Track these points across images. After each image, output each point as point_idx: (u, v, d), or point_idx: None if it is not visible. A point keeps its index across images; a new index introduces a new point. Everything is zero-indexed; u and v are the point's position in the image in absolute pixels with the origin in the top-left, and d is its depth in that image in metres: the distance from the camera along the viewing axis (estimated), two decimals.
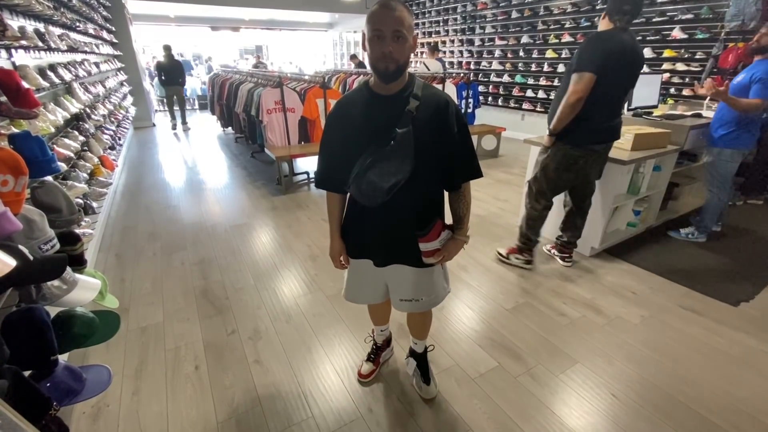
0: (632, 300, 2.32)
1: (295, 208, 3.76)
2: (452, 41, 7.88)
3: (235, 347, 1.95)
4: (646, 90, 3.33)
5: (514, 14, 6.48)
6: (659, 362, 1.83)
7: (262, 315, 2.20)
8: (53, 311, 1.37)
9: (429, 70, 5.87)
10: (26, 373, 1.14)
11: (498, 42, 6.88)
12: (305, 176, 4.72)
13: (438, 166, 1.22)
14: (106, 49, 5.30)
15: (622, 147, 2.69)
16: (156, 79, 10.13)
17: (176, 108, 7.71)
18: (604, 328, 2.08)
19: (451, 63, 7.98)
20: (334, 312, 2.22)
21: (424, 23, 8.54)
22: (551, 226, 2.83)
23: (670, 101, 4.03)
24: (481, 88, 7.09)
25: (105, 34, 5.41)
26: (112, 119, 4.27)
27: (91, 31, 4.35)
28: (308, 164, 5.21)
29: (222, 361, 1.87)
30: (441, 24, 8.05)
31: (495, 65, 7.00)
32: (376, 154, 1.11)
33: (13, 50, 1.90)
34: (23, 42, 1.85)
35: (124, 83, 6.49)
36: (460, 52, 7.70)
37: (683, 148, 2.91)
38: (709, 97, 2.66)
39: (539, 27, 6.17)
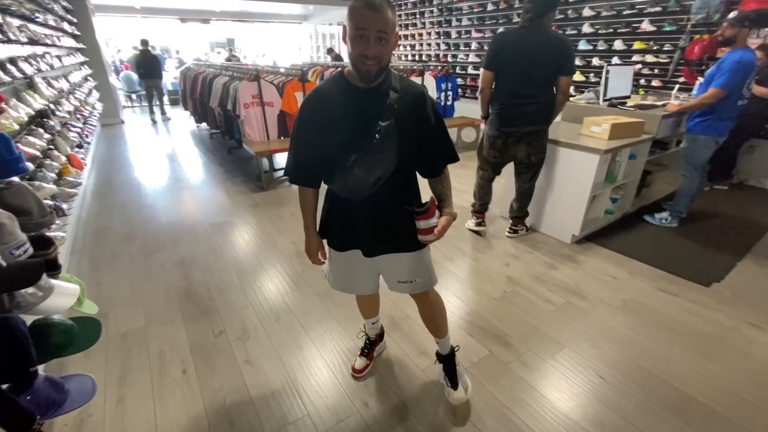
0: (613, 285, 2.40)
1: (278, 205, 3.69)
2: (429, 34, 7.87)
3: (224, 348, 1.90)
4: (619, 81, 3.43)
5: (490, 6, 6.53)
6: (641, 343, 1.91)
7: (250, 314, 2.16)
8: (28, 320, 1.29)
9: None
10: (4, 387, 1.07)
11: (474, 34, 6.93)
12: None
13: (417, 154, 1.24)
14: (68, 42, 5.00)
15: (599, 137, 2.77)
16: (122, 73, 9.72)
17: (156, 102, 8.03)
18: (588, 312, 2.14)
19: (429, 56, 7.98)
20: (323, 308, 2.20)
21: (400, 15, 8.49)
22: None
23: (641, 92, 4.17)
24: (458, 81, 7.13)
25: (66, 26, 5.10)
26: (78, 116, 4.05)
27: (51, 22, 4.09)
28: None
29: (210, 363, 1.81)
30: (418, 16, 8.03)
31: (472, 58, 7.05)
32: (361, 150, 1.09)
33: None
34: None
35: (89, 78, 6.15)
36: (437, 44, 7.71)
37: (656, 137, 3.02)
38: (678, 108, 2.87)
39: (515, 19, 6.24)
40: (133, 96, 10.05)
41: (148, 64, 7.38)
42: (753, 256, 2.69)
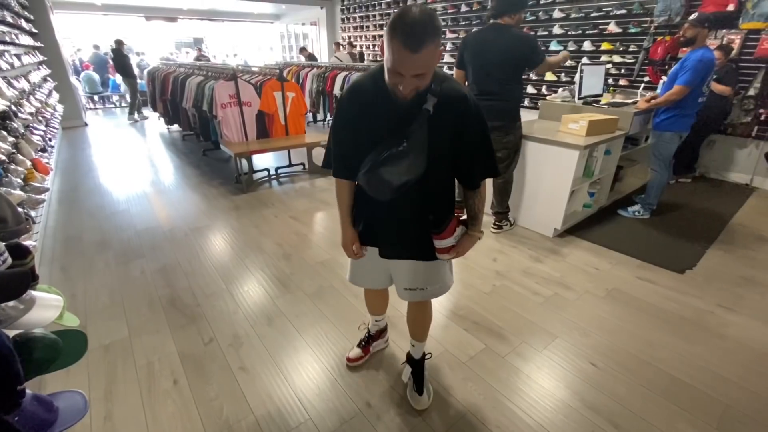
0: (596, 275, 2.49)
1: (260, 207, 3.61)
2: None
3: (216, 356, 1.84)
4: (593, 80, 3.57)
5: (464, 8, 6.65)
6: (627, 330, 1.99)
7: (240, 320, 2.09)
8: (9, 334, 1.20)
9: (342, 62, 6.75)
10: None
11: (449, 35, 7.03)
12: (266, 174, 4.54)
13: (454, 164, 1.20)
14: (26, 40, 4.69)
15: (577, 133, 2.87)
16: (83, 74, 9.22)
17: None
18: (575, 303, 2.22)
19: None
20: (316, 310, 2.16)
21: (374, 15, 8.51)
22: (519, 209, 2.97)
23: (612, 90, 4.35)
24: None
25: (23, 23, 4.78)
26: (40, 118, 3.80)
27: (8, 18, 3.82)
28: (267, 161, 5.01)
29: (203, 372, 1.75)
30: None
31: (447, 58, 7.15)
32: (389, 152, 1.05)
33: None
34: None
35: (48, 78, 5.79)
36: None
37: (629, 133, 3.16)
38: (647, 104, 3.04)
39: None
40: (95, 97, 9.57)
41: (122, 64, 7.50)
42: (720, 243, 2.87)
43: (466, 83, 2.78)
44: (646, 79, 4.57)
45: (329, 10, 9.77)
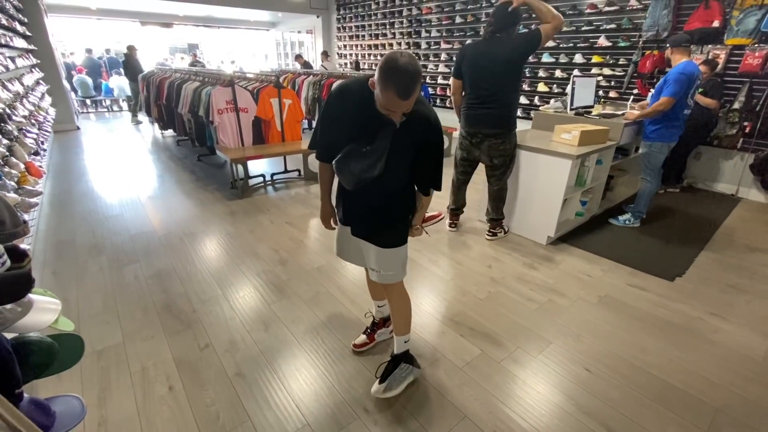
0: (588, 282, 2.53)
1: (256, 212, 3.60)
2: (399, 44, 8.03)
3: (212, 362, 1.83)
4: (584, 91, 3.65)
5: (458, 19, 6.77)
6: (620, 336, 2.03)
7: (236, 325, 2.08)
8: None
9: (327, 70, 7.13)
10: None
11: (444, 45, 7.14)
12: (262, 179, 4.54)
13: (411, 171, 1.44)
14: (20, 43, 4.66)
15: (569, 143, 2.94)
16: (76, 77, 9.16)
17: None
18: (569, 309, 2.25)
19: None
20: (313, 316, 2.17)
21: (370, 25, 8.61)
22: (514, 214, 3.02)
23: (602, 102, 4.46)
24: (429, 90, 7.30)
25: (17, 26, 4.76)
26: (33, 121, 3.77)
27: (3, 21, 3.80)
28: (263, 167, 5.01)
29: (199, 377, 1.74)
30: (387, 27, 8.17)
31: (441, 68, 7.26)
32: (353, 151, 1.29)
33: None
34: None
35: (41, 81, 5.75)
36: None
37: (619, 143, 3.24)
38: (636, 115, 3.16)
39: (482, 32, 6.50)
40: (88, 101, 9.49)
41: (133, 69, 7.82)
42: (708, 251, 2.94)
43: (464, 92, 2.84)
44: (635, 91, 4.69)
45: (325, 19, 9.87)
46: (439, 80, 7.34)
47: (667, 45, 2.97)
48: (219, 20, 11.64)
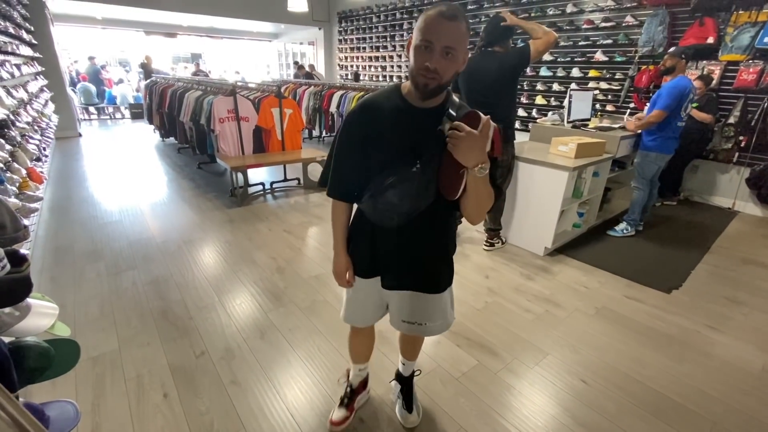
0: (585, 294, 2.54)
1: (254, 220, 3.61)
2: (399, 56, 8.14)
3: (207, 369, 1.82)
4: (581, 104, 3.71)
5: None
6: (616, 347, 2.03)
7: (233, 333, 2.08)
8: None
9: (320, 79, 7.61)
10: None
11: None
12: (261, 188, 4.56)
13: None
14: (26, 51, 4.72)
15: (566, 155, 2.97)
16: (79, 85, 9.26)
17: None
18: (565, 320, 2.25)
19: (399, 77, 8.23)
20: (309, 324, 2.16)
21: (371, 38, 8.75)
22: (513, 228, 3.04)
23: (599, 115, 4.52)
24: None
25: (24, 34, 4.83)
26: (36, 128, 3.80)
27: (10, 30, 3.87)
28: (262, 175, 5.04)
29: (194, 385, 1.73)
30: (388, 39, 8.30)
31: None
32: (399, 174, 0.98)
33: None
34: None
35: (45, 88, 5.81)
36: (407, 67, 7.97)
37: (616, 156, 3.28)
38: (635, 127, 3.24)
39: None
40: (91, 109, 9.58)
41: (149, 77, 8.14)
42: (704, 264, 2.95)
43: None
44: (632, 105, 4.76)
45: (327, 31, 10.02)
46: None
47: (666, 55, 3.04)
48: (222, 31, 11.82)
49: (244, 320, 2.18)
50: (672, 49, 3.01)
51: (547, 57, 5.68)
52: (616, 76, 5.02)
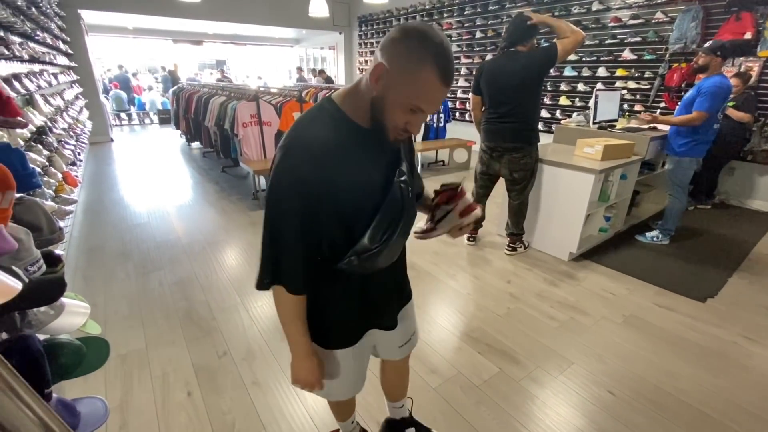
0: (613, 301, 2.44)
1: None
2: None
3: (229, 370, 1.85)
4: (607, 105, 3.59)
5: (478, 34, 6.82)
6: (646, 358, 1.94)
7: (254, 334, 2.11)
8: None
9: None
10: None
11: (463, 60, 7.18)
12: None
13: None
14: (62, 60, 4.98)
15: (592, 157, 2.88)
16: (111, 92, 9.68)
17: None
18: (591, 328, 2.17)
19: None
20: None
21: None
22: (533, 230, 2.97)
23: (627, 116, 4.36)
24: (449, 104, 7.34)
25: (61, 45, 5.09)
26: (71, 133, 3.99)
27: (48, 41, 4.08)
28: None
29: (216, 385, 1.76)
30: None
31: (461, 82, 7.29)
32: (406, 210, 0.83)
33: None
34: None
35: (80, 96, 6.10)
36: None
37: (645, 158, 3.15)
38: (648, 123, 3.08)
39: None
40: (122, 115, 9.99)
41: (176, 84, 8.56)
42: (742, 272, 2.80)
43: (483, 107, 2.85)
44: (662, 105, 4.58)
45: (347, 36, 10.12)
46: (459, 94, 7.37)
47: (700, 52, 2.82)
48: (245, 38, 12.11)
49: (266, 322, 2.21)
50: (706, 44, 2.83)
51: (571, 57, 5.53)
52: (645, 75, 4.85)
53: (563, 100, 5.75)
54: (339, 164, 0.77)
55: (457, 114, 7.43)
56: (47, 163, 2.65)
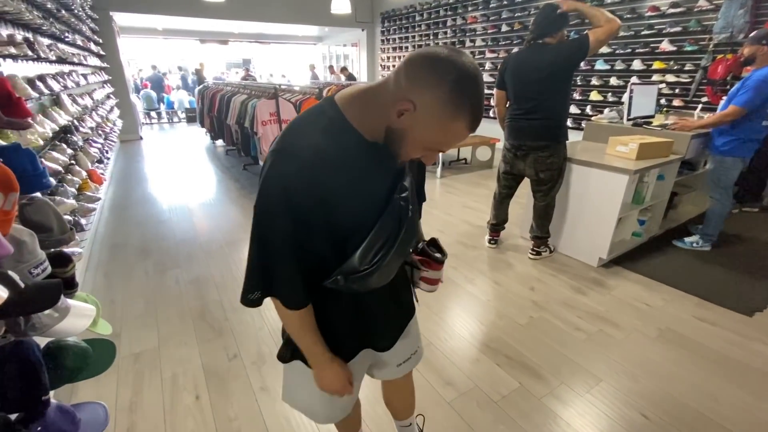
0: (647, 312, 2.26)
1: None
2: None
3: (239, 374, 1.82)
4: (643, 100, 3.35)
5: (504, 27, 6.59)
6: (684, 378, 1.77)
7: (265, 336, 2.08)
8: (42, 341, 1.24)
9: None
10: (13, 417, 1.01)
11: (488, 55, 6.97)
12: None
13: None
14: (94, 61, 5.15)
15: (626, 156, 2.68)
16: (142, 92, 10.01)
17: None
18: (622, 342, 2.01)
19: None
20: None
21: (413, 36, 8.62)
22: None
23: (665, 111, 4.08)
24: None
25: (92, 46, 5.27)
26: (100, 132, 4.11)
27: (79, 42, 4.22)
28: None
29: (225, 389, 1.73)
30: (431, 37, 8.13)
31: (486, 77, 7.07)
32: (404, 230, 0.76)
33: (1, 59, 1.78)
34: (12, 50, 1.74)
35: (111, 95, 6.31)
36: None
37: (685, 157, 2.92)
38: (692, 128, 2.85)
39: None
40: (152, 113, 10.32)
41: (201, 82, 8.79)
42: None
43: (508, 103, 2.70)
44: (704, 99, 4.26)
45: (370, 32, 10.04)
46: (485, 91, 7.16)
47: (746, 41, 2.58)
48: (270, 36, 12.24)
49: (277, 323, 2.16)
50: (753, 33, 2.57)
51: (604, 49, 5.25)
52: (686, 68, 4.53)
53: (594, 95, 5.47)
54: (334, 176, 0.69)
55: None
56: (72, 162, 2.71)
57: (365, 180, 0.74)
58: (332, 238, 0.75)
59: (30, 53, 1.98)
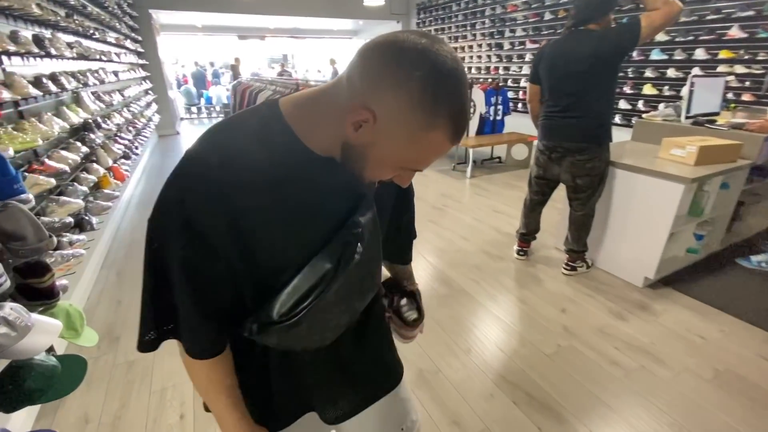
0: (701, 347, 1.91)
1: None
2: (480, 45, 7.55)
3: None
4: (706, 95, 2.90)
5: (548, 15, 6.10)
6: None
7: None
8: (4, 361, 1.16)
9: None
10: None
11: (529, 45, 6.50)
12: None
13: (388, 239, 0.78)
14: (130, 58, 5.30)
15: (683, 161, 2.31)
16: (183, 87, 10.38)
17: None
18: (669, 384, 1.70)
19: (479, 68, 7.64)
20: None
21: (450, 27, 8.26)
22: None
23: (732, 106, 3.55)
24: (510, 95, 6.70)
25: (129, 44, 5.42)
26: (130, 128, 4.19)
27: (111, 39, 4.31)
28: None
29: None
30: (468, 28, 7.74)
31: (526, 69, 6.61)
32: (343, 276, 0.57)
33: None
34: (9, 48, 1.71)
35: (149, 92, 6.52)
36: (488, 56, 7.36)
37: (756, 163, 2.48)
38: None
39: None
40: (192, 108, 10.67)
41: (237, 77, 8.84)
42: None
43: (542, 99, 2.40)
44: None
45: (405, 24, 9.77)
46: (522, 83, 6.71)
47: None
48: (305, 31, 12.28)
49: None
50: None
51: (660, 37, 4.69)
52: (759, 57, 3.92)
53: (648, 89, 4.91)
54: (254, 195, 0.52)
55: (519, 105, 6.78)
56: (92, 159, 2.72)
57: (303, 205, 0.56)
58: (251, 274, 0.57)
59: (36, 50, 1.95)
